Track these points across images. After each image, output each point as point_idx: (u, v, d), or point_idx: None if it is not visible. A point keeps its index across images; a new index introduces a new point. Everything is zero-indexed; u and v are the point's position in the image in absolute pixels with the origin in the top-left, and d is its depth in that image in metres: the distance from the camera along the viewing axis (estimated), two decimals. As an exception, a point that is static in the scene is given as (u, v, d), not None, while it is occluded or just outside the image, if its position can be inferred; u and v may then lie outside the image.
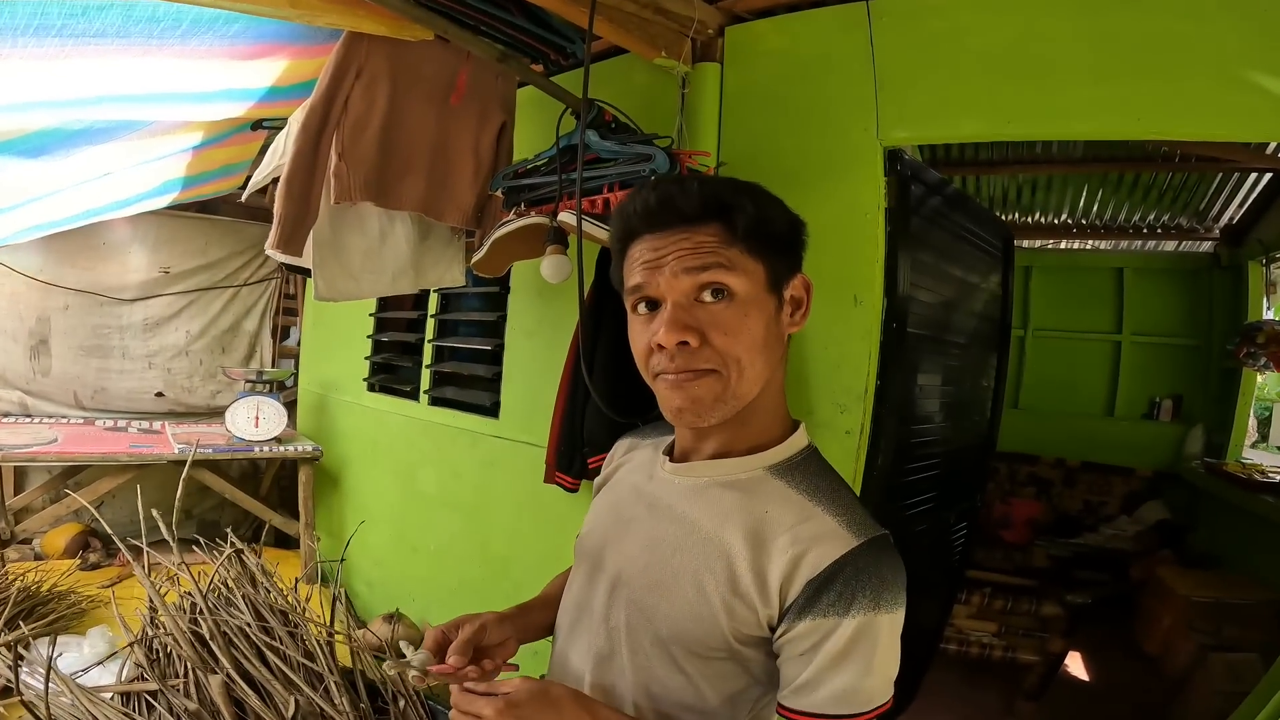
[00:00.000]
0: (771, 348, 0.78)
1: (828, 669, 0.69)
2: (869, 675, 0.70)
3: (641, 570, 0.82)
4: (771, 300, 0.77)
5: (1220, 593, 2.91)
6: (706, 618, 0.75)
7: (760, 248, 0.76)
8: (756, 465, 0.80)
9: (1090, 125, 1.51)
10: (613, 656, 0.83)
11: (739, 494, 0.79)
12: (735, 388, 0.75)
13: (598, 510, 0.96)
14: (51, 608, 2.38)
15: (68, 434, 3.14)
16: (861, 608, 0.69)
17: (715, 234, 0.75)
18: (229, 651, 1.38)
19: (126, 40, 1.26)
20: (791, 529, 0.74)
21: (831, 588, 0.70)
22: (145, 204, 2.57)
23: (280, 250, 1.44)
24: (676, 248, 0.75)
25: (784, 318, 0.79)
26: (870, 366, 1.56)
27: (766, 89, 1.80)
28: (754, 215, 0.75)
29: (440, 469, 2.66)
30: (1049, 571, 3.31)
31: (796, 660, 0.72)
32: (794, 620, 0.71)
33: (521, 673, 0.82)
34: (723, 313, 0.74)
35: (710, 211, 0.75)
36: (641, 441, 0.98)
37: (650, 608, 0.80)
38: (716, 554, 0.77)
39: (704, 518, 0.79)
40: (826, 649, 0.69)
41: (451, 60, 1.63)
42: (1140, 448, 4.36)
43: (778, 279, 0.78)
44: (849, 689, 0.69)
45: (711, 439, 0.83)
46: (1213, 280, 4.36)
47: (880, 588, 0.70)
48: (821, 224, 1.64)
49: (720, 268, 0.73)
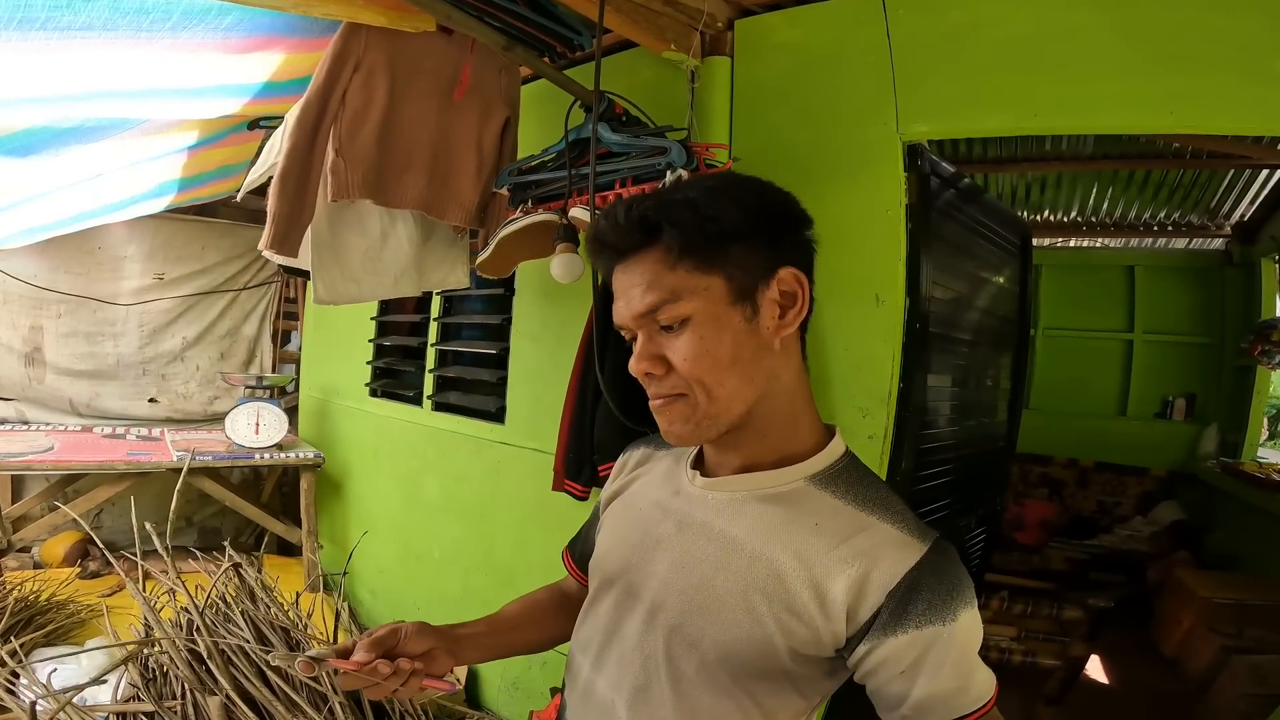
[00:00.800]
0: (747, 361, 0.72)
1: (946, 678, 0.67)
2: (979, 669, 0.69)
3: (679, 593, 0.76)
4: (738, 311, 0.71)
5: (1241, 594, 2.86)
6: (760, 639, 0.71)
7: (711, 258, 0.70)
8: (796, 476, 0.75)
9: (1120, 119, 1.46)
10: (649, 688, 0.77)
11: (782, 507, 0.74)
12: (706, 409, 0.72)
13: (615, 528, 0.89)
14: (50, 617, 2.34)
15: (64, 441, 3.09)
16: (955, 611, 0.67)
17: (658, 259, 0.71)
18: (228, 670, 1.32)
19: (114, 33, 1.21)
20: (848, 541, 0.70)
21: (919, 596, 0.66)
22: (141, 207, 2.51)
23: (274, 250, 1.39)
24: (629, 282, 0.73)
25: (765, 322, 0.72)
26: (893, 369, 1.51)
27: (779, 83, 1.76)
28: (690, 227, 0.69)
29: (444, 476, 2.61)
30: (1066, 574, 3.25)
31: (900, 679, 0.68)
32: (883, 636, 0.67)
33: (532, 682, 0.77)
34: (678, 340, 0.71)
35: (641, 238, 0.71)
36: (656, 452, 0.92)
37: (695, 633, 0.74)
38: (765, 572, 0.72)
39: (746, 534, 0.74)
40: (934, 659, 0.66)
41: (453, 54, 1.57)
42: (1153, 447, 4.31)
43: (745, 285, 0.71)
44: (967, 687, 0.68)
45: (734, 452, 0.78)
46: (1225, 278, 4.32)
47: (964, 585, 0.69)
48: (840, 221, 1.63)
49: (666, 303, 0.70)
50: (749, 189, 0.75)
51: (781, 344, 0.74)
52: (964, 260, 1.89)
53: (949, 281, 1.75)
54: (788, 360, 0.76)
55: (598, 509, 0.99)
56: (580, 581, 1.00)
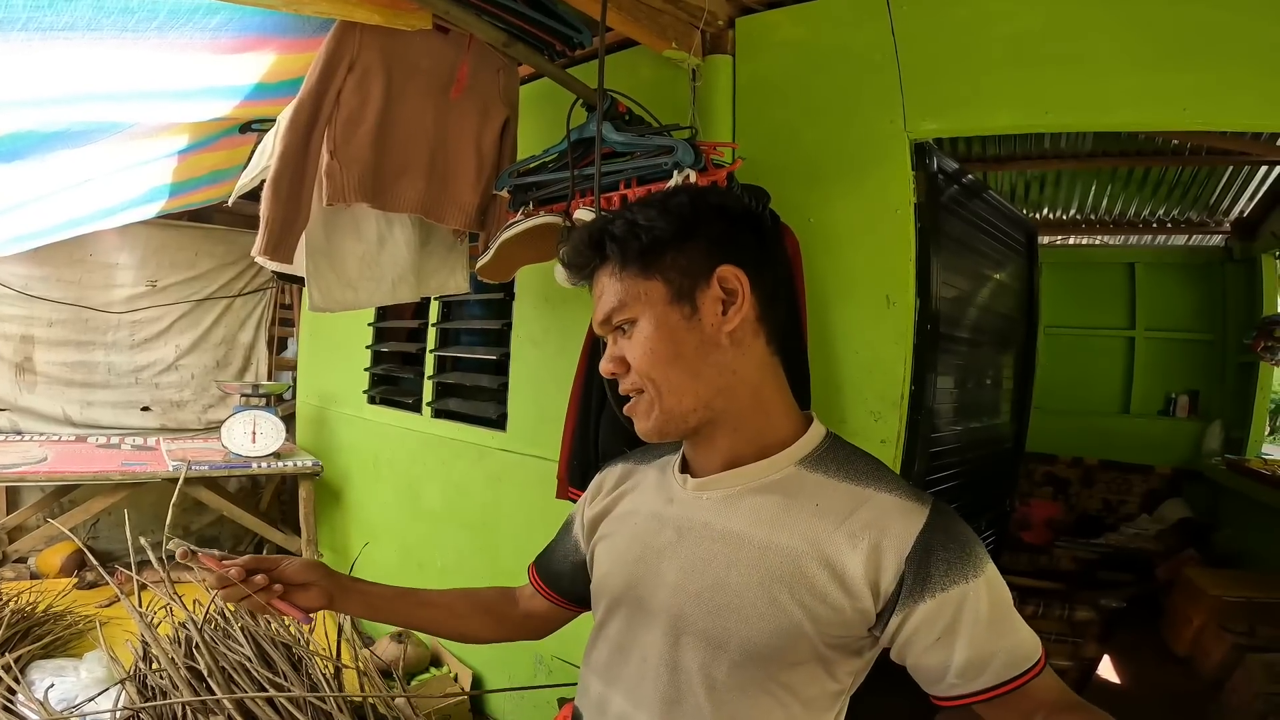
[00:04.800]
0: (692, 357, 0.75)
1: (986, 638, 0.67)
2: (1020, 627, 0.69)
3: (695, 598, 0.75)
4: (678, 311, 0.75)
5: (1252, 591, 2.83)
6: (788, 629, 0.71)
7: (648, 265, 0.76)
8: (786, 463, 0.77)
9: (1133, 116, 1.44)
10: (682, 700, 0.76)
11: (779, 495, 0.75)
12: (660, 404, 0.76)
13: (612, 548, 0.87)
14: (48, 629, 2.31)
15: (58, 452, 3.04)
16: (977, 567, 0.68)
17: (608, 272, 0.78)
18: (229, 688, 1.28)
19: (98, 33, 1.17)
20: (851, 516, 0.71)
21: (936, 557, 0.68)
22: (132, 213, 2.47)
23: (268, 257, 1.34)
24: (595, 294, 0.80)
25: (708, 319, 0.75)
26: (905, 371, 1.48)
27: (782, 81, 1.74)
28: (624, 239, 0.76)
29: (445, 484, 2.57)
30: (1075, 574, 3.22)
31: (936, 647, 0.68)
32: (911, 604, 0.68)
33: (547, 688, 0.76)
34: (630, 341, 0.77)
35: (590, 254, 0.79)
36: (637, 466, 0.92)
37: (721, 635, 0.73)
38: (778, 561, 0.72)
39: (750, 527, 0.75)
40: (968, 618, 0.67)
41: (450, 53, 1.53)
42: (1158, 445, 4.28)
43: (683, 286, 0.76)
44: (1013, 646, 0.68)
45: (712, 449, 0.79)
46: (1225, 274, 4.29)
47: (974, 541, 0.70)
48: (848, 221, 1.60)
49: (615, 310, 0.77)
50: (682, 198, 0.80)
51: (730, 339, 0.76)
52: (972, 259, 1.86)
53: (958, 281, 1.72)
54: (742, 354, 0.77)
55: (569, 525, 0.99)
56: (543, 595, 1.01)
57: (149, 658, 1.44)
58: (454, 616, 1.00)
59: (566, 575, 0.97)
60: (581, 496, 0.97)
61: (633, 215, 0.77)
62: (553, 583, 0.99)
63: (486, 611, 1.02)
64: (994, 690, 0.67)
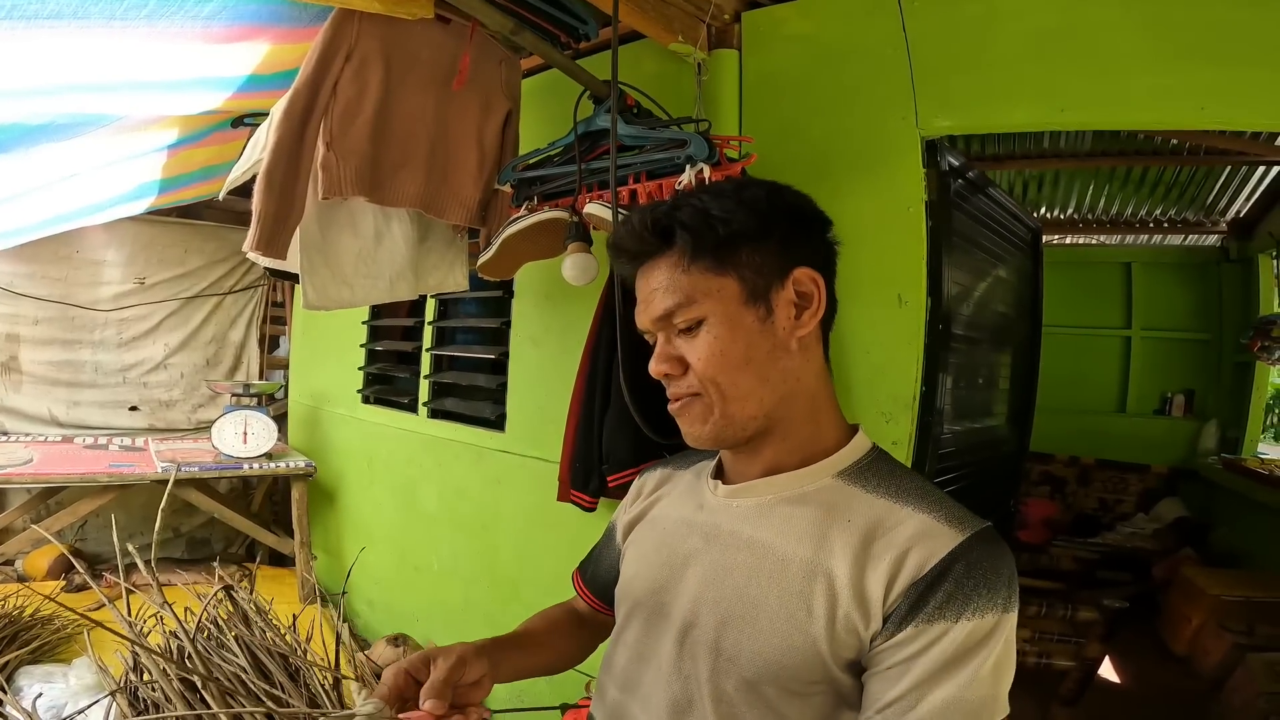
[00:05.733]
0: (762, 361, 0.72)
1: (927, 681, 0.60)
2: (975, 685, 0.60)
3: (711, 606, 0.72)
4: (752, 312, 0.72)
5: (1250, 591, 2.84)
6: (802, 648, 0.66)
7: (723, 260, 0.71)
8: (824, 474, 0.73)
9: (1152, 114, 1.42)
10: (691, 708, 0.73)
11: (812, 507, 0.71)
12: (721, 409, 0.72)
13: (641, 552, 0.85)
14: (35, 633, 2.24)
15: (45, 453, 2.98)
16: (978, 609, 0.61)
17: (674, 262, 0.73)
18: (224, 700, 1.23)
19: (85, 21, 1.12)
20: (884, 534, 0.67)
21: (940, 588, 0.62)
22: (120, 209, 2.41)
23: (260, 252, 1.29)
24: (648, 287, 0.75)
25: (781, 323, 0.72)
26: (917, 371, 1.45)
27: (790, 77, 1.71)
28: (699, 229, 0.71)
29: (442, 485, 2.52)
30: (1075, 574, 3.21)
31: (886, 675, 0.63)
32: (893, 630, 0.63)
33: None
34: (693, 340, 0.73)
35: (656, 243, 0.73)
36: (675, 471, 0.90)
37: (733, 648, 0.70)
38: (801, 576, 0.68)
39: (777, 539, 0.71)
40: (930, 657, 0.60)
41: (451, 43, 1.49)
42: (1153, 444, 4.30)
43: (758, 286, 0.72)
44: (952, 702, 0.60)
45: (756, 457, 0.76)
46: (1222, 274, 4.31)
47: (997, 584, 0.62)
48: (859, 220, 1.56)
49: (681, 305, 0.72)
50: (758, 191, 0.75)
51: (799, 344, 0.73)
52: (982, 259, 1.84)
53: (968, 281, 1.70)
54: (807, 361, 0.74)
55: (612, 530, 0.96)
56: (590, 604, 0.98)
57: (139, 668, 1.39)
58: (560, 650, 0.95)
59: (613, 585, 0.91)
60: (622, 502, 0.94)
61: (703, 204, 0.72)
62: (601, 593, 0.95)
63: (574, 630, 0.97)
64: None
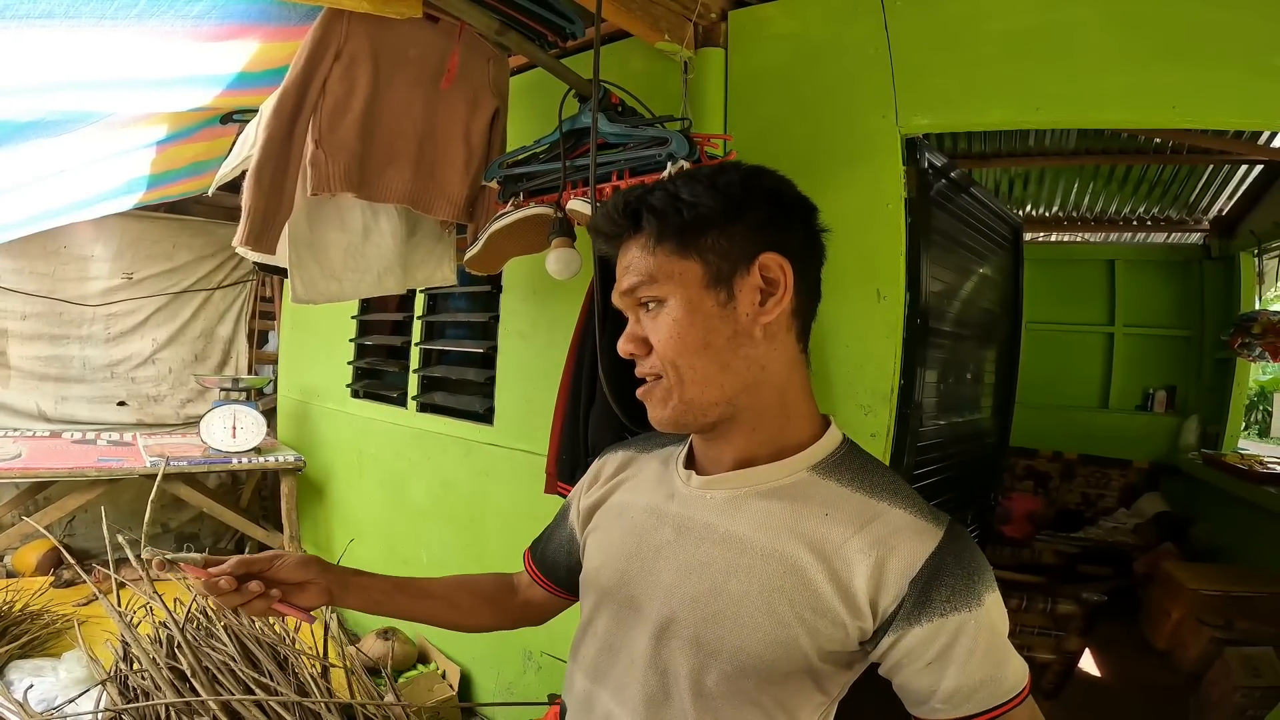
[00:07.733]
0: (722, 347, 0.71)
1: (977, 667, 0.65)
2: (1011, 657, 0.68)
3: (691, 603, 0.73)
4: (712, 296, 0.71)
5: (1229, 586, 2.88)
6: (785, 642, 0.68)
7: (687, 244, 0.71)
8: (798, 467, 0.73)
9: (1124, 113, 1.45)
10: (669, 701, 0.74)
11: (788, 501, 0.72)
12: (680, 393, 0.72)
13: (606, 540, 0.84)
14: (25, 628, 2.27)
15: (33, 448, 2.97)
16: (978, 594, 0.66)
17: (641, 244, 0.73)
18: (213, 689, 1.26)
19: (76, 20, 1.13)
20: (863, 529, 0.68)
21: (941, 582, 0.65)
22: (109, 205, 2.41)
23: (250, 247, 1.31)
24: (620, 266, 0.76)
25: (743, 308, 0.71)
26: (895, 365, 1.48)
27: (775, 75, 1.74)
28: (665, 213, 0.71)
29: (431, 479, 2.54)
30: (1055, 568, 3.26)
31: (928, 670, 0.66)
32: (907, 626, 0.65)
33: None
34: (654, 320, 0.73)
35: (625, 224, 0.74)
36: (638, 455, 0.88)
37: (714, 643, 0.71)
38: (781, 570, 0.69)
39: (755, 533, 0.71)
40: (963, 647, 0.65)
41: (439, 42, 1.51)
42: (1135, 439, 4.35)
43: (721, 270, 0.71)
44: (1001, 677, 0.66)
45: (726, 446, 0.76)
46: (1204, 271, 4.36)
47: (985, 569, 0.68)
48: (840, 215, 1.58)
49: (643, 284, 0.73)
50: (733, 175, 0.74)
51: (764, 332, 0.72)
52: (961, 255, 1.87)
53: (947, 276, 1.73)
54: (775, 349, 0.73)
55: (565, 511, 0.97)
56: (538, 582, 0.99)
57: (129, 658, 1.40)
58: (453, 608, 0.97)
59: (563, 565, 0.95)
60: (578, 483, 0.94)
61: (675, 188, 0.72)
62: (550, 572, 0.97)
63: (486, 601, 0.99)
64: (976, 716, 0.66)
